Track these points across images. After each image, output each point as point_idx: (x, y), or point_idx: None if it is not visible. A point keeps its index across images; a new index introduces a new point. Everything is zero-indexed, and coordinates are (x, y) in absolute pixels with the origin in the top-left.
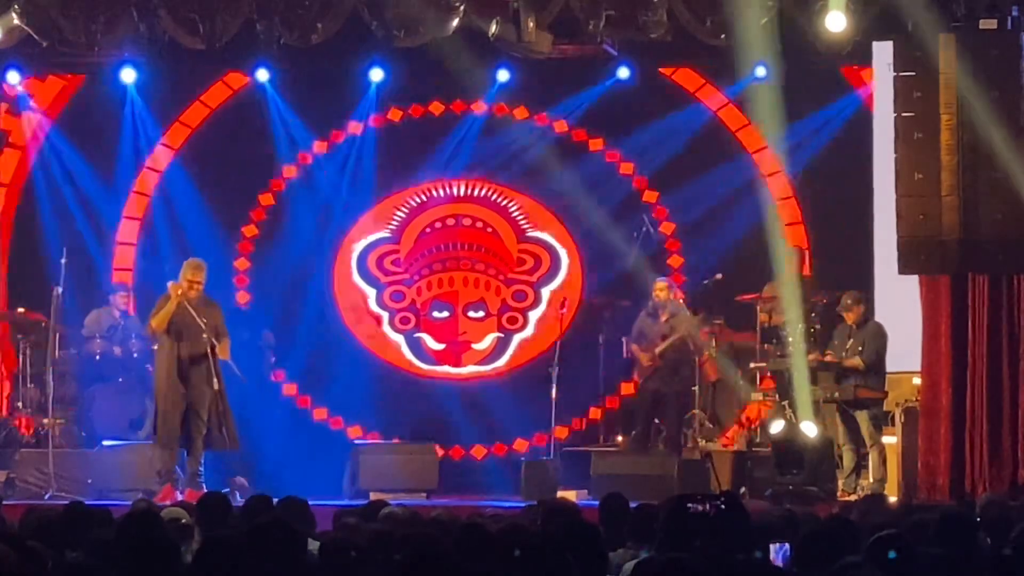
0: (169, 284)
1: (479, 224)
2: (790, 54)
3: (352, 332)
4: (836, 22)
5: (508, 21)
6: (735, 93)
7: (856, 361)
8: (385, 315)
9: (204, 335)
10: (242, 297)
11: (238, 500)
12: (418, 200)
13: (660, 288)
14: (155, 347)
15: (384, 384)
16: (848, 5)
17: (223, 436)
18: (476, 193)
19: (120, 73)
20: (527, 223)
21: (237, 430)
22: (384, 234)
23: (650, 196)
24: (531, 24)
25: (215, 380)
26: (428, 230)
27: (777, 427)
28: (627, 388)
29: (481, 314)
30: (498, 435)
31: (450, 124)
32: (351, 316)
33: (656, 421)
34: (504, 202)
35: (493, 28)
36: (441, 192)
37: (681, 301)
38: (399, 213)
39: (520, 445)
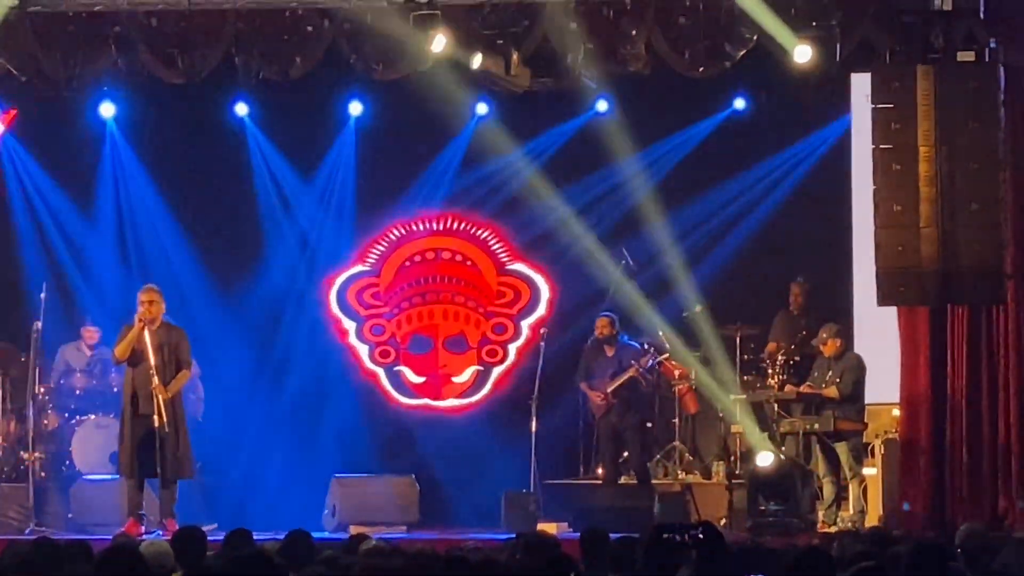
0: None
1: (458, 257)
2: (768, 86)
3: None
4: (802, 54)
5: (493, 54)
6: (713, 126)
7: (832, 391)
8: (365, 348)
9: (151, 371)
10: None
11: None
12: (398, 234)
13: (603, 324)
14: None
15: (368, 417)
16: (795, 39)
17: (162, 466)
18: (455, 227)
19: (99, 107)
20: (507, 256)
21: (181, 462)
22: (364, 267)
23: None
24: (515, 57)
25: (154, 416)
26: (408, 264)
27: (765, 459)
28: None
29: (461, 347)
30: (479, 467)
31: (429, 157)
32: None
33: (624, 454)
34: (483, 235)
35: (476, 62)
36: (421, 226)
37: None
38: (379, 246)
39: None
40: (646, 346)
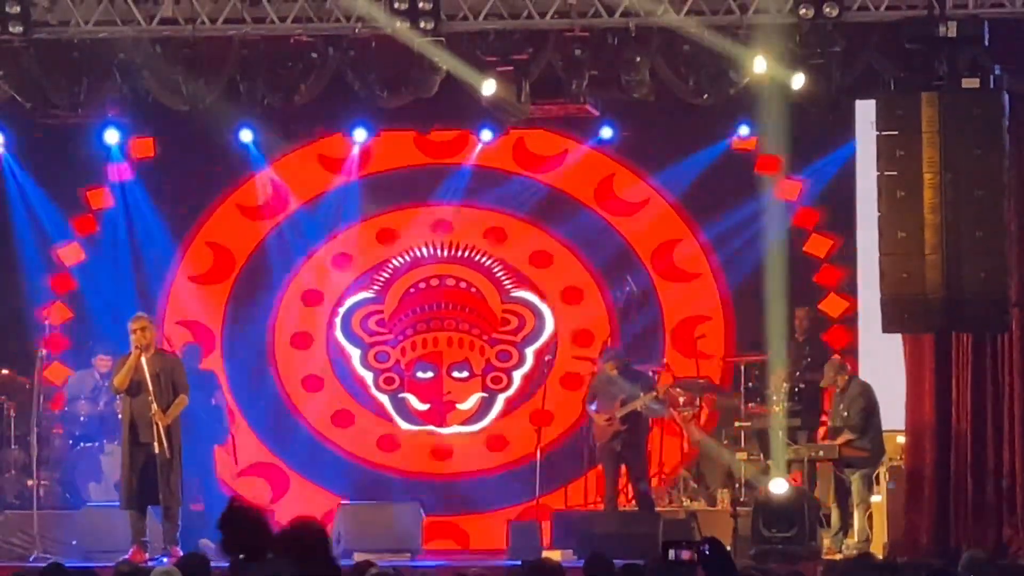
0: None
1: (463, 284)
2: (773, 113)
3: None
4: (798, 82)
5: (503, 81)
6: (715, 154)
7: (846, 436)
8: (369, 375)
9: (149, 398)
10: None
11: None
12: (402, 261)
13: (611, 367)
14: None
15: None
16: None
17: (163, 493)
18: (460, 254)
19: (104, 133)
20: (510, 283)
21: (179, 488)
22: (368, 294)
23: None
24: (527, 86)
25: (155, 444)
26: (412, 290)
27: (779, 486)
28: None
29: (465, 374)
30: (484, 494)
31: (434, 183)
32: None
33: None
34: (487, 262)
35: (489, 89)
36: (424, 251)
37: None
38: (383, 274)
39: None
40: (652, 373)
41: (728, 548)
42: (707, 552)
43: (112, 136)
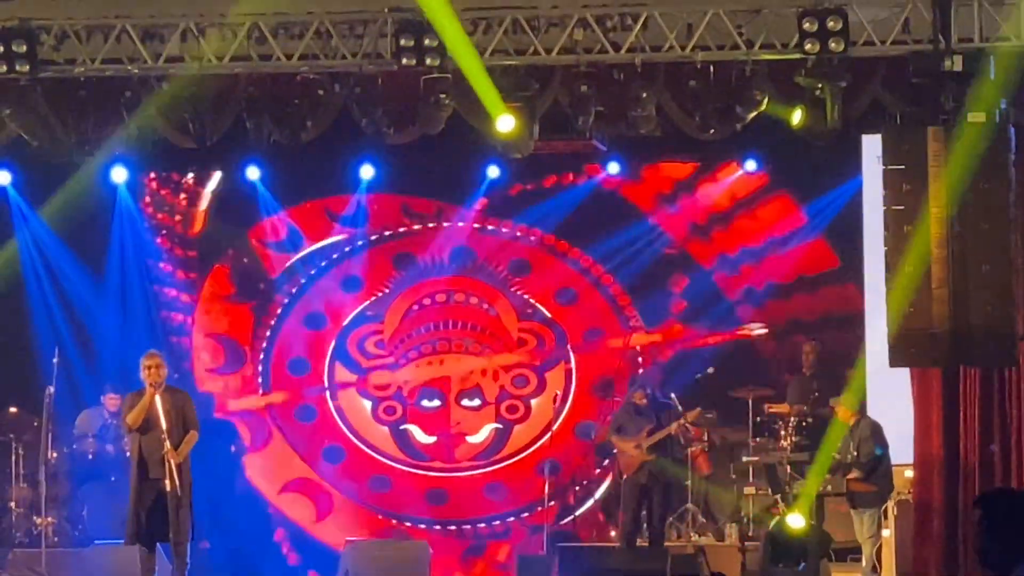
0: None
1: (473, 300)
2: (779, 148)
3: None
4: (796, 116)
5: (520, 118)
6: (725, 187)
7: (855, 474)
8: (367, 404)
9: (163, 435)
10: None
11: None
12: (405, 273)
13: (640, 398)
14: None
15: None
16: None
17: (172, 529)
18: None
19: (111, 172)
20: (528, 296)
21: (189, 524)
22: (366, 312)
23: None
24: (536, 122)
25: (166, 481)
26: (416, 307)
27: (797, 521)
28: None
29: (476, 403)
30: (493, 529)
31: (442, 221)
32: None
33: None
34: (501, 274)
35: (505, 125)
36: (430, 263)
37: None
38: (383, 288)
39: (515, 538)
40: (675, 403)
41: None
42: None
43: (119, 174)
